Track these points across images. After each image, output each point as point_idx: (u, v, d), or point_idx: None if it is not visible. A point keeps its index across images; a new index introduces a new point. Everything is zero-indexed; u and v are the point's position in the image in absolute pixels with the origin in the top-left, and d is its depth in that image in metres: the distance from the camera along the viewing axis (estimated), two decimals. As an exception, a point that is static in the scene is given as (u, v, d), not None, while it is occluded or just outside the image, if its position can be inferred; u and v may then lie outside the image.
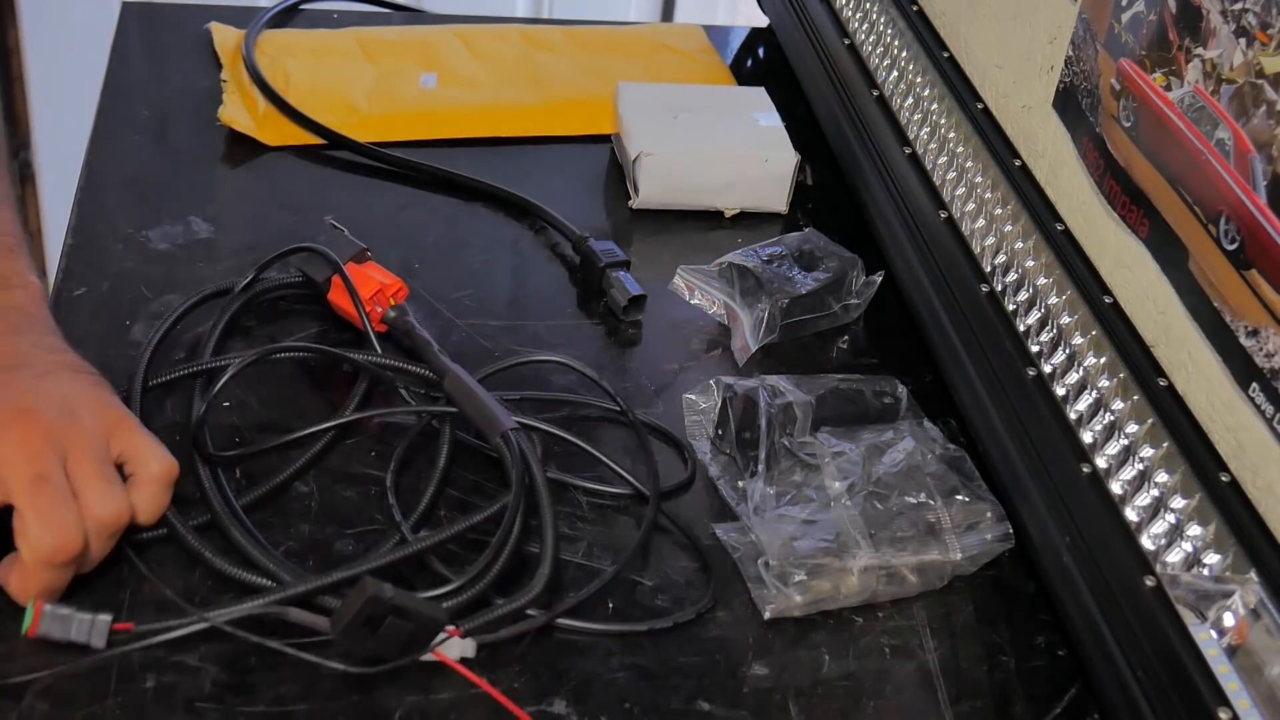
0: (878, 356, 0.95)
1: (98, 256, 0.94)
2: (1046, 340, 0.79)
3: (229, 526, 0.73)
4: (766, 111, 1.11)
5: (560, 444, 0.83)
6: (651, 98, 1.11)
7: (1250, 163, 0.65)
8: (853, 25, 1.12)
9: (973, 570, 0.78)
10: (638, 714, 0.69)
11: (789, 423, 0.82)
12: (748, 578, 0.76)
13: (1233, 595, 0.63)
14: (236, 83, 1.14)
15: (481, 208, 1.06)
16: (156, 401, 0.82)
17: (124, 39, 1.21)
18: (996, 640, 0.76)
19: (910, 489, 0.78)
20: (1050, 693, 0.73)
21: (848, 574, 0.75)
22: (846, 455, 0.80)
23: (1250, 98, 0.65)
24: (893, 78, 1.04)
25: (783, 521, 0.76)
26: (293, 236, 0.92)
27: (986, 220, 0.88)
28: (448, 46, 1.24)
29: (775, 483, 0.79)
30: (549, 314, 0.96)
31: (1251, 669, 0.61)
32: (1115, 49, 0.78)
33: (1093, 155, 0.80)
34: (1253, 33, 0.65)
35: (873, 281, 0.98)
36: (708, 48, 1.29)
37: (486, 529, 0.73)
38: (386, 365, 0.84)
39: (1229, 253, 0.67)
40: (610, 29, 1.33)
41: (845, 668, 0.73)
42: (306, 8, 1.28)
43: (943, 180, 0.94)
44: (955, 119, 0.95)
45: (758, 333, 0.92)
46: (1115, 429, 0.73)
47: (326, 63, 1.19)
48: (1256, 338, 0.65)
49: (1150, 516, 0.69)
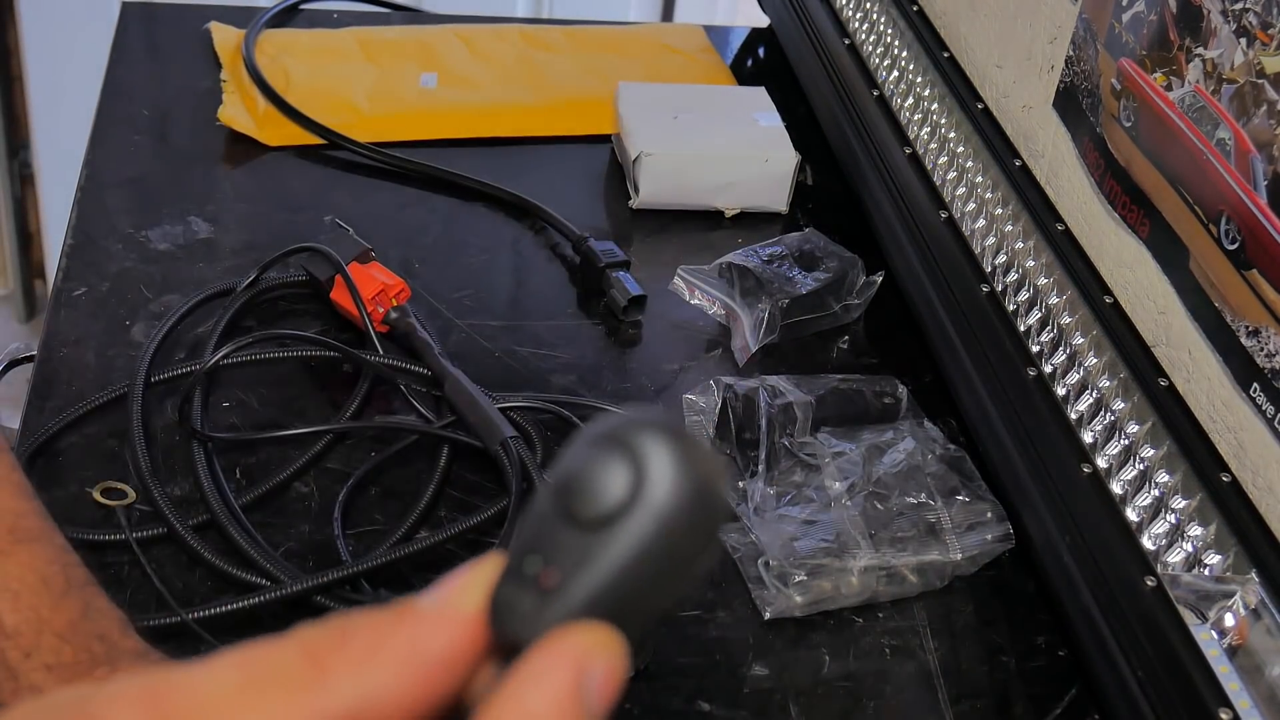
0: (878, 356, 0.95)
1: (98, 256, 0.94)
2: (1047, 340, 0.79)
3: (228, 526, 0.73)
4: (766, 111, 1.11)
5: (560, 444, 0.83)
6: (651, 98, 1.11)
7: (1251, 162, 0.65)
8: (853, 25, 1.12)
9: (973, 570, 0.78)
10: (638, 714, 0.69)
11: (789, 423, 0.82)
12: (748, 578, 0.76)
13: (1233, 595, 0.63)
14: (236, 83, 1.14)
15: (481, 208, 1.06)
16: (157, 401, 0.82)
17: (124, 39, 1.21)
18: (996, 640, 0.76)
19: (910, 489, 0.78)
20: (1050, 693, 0.73)
21: (848, 574, 0.74)
22: (846, 455, 0.79)
23: (1251, 97, 0.65)
24: (893, 78, 1.04)
25: (783, 521, 0.76)
26: (292, 237, 0.92)
27: (987, 220, 0.88)
28: (448, 46, 1.24)
29: (775, 483, 0.79)
30: (549, 314, 0.96)
31: (1252, 669, 0.61)
32: (1116, 49, 0.78)
33: (1093, 155, 0.80)
34: (1253, 32, 0.65)
35: (873, 281, 0.98)
36: (708, 48, 1.29)
37: (487, 529, 0.73)
38: (389, 365, 0.84)
39: (1229, 253, 0.67)
40: (610, 29, 1.33)
41: (845, 668, 0.73)
42: (306, 8, 1.27)
43: (943, 180, 0.94)
44: (955, 119, 0.95)
45: (758, 333, 0.92)
46: (1116, 429, 0.73)
47: (326, 63, 1.19)
48: (1257, 338, 0.65)
49: (1151, 517, 0.69)
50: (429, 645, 0.30)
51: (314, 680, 0.30)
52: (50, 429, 0.79)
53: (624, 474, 0.29)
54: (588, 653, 0.29)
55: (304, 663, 0.30)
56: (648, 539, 0.29)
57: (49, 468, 0.78)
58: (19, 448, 0.78)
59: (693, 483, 0.29)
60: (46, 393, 0.83)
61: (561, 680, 0.29)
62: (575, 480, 0.29)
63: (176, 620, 0.68)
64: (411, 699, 0.30)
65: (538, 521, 0.30)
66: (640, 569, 0.29)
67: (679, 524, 0.29)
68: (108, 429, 0.80)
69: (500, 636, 0.30)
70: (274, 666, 0.30)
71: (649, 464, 0.29)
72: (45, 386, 0.83)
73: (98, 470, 0.78)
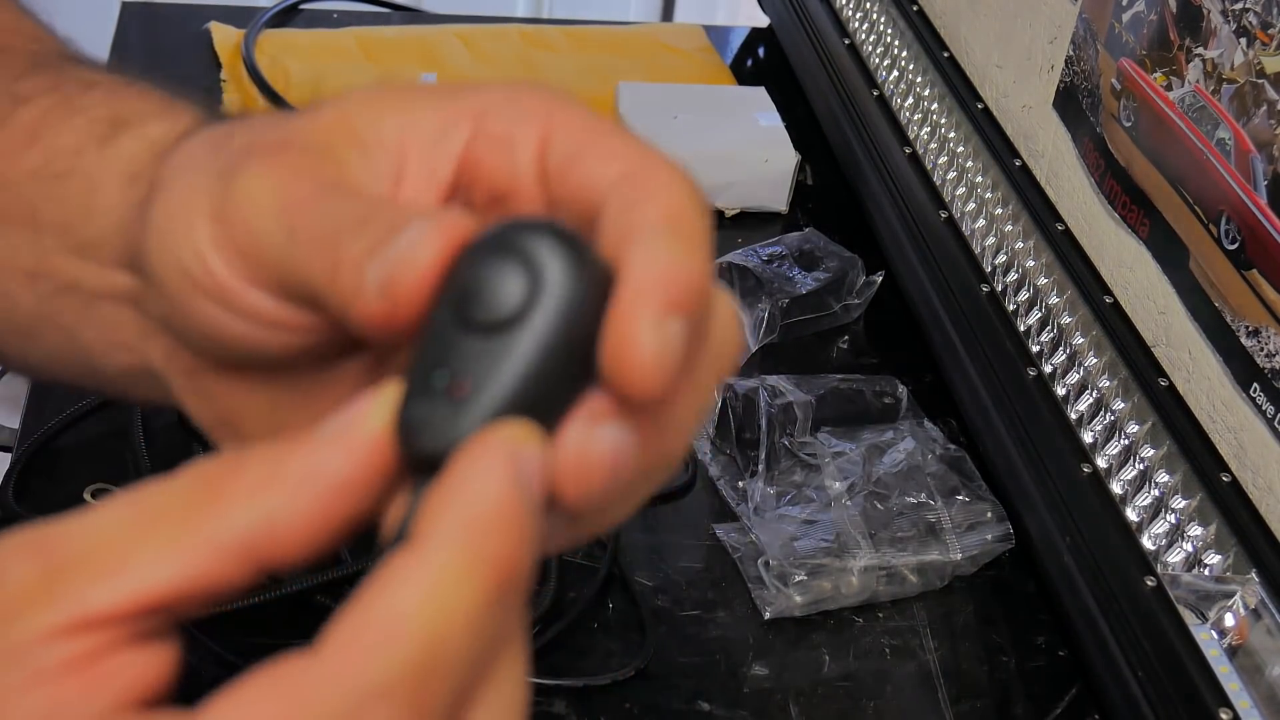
0: (878, 356, 0.95)
1: (97, 256, 0.94)
2: (1047, 340, 0.79)
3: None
4: (766, 111, 1.11)
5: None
6: (651, 98, 1.11)
7: (1251, 162, 0.65)
8: (853, 25, 1.12)
9: (973, 570, 0.78)
10: (638, 714, 0.69)
11: (789, 423, 0.82)
12: (748, 578, 0.76)
13: (1233, 595, 0.63)
14: (236, 83, 1.14)
15: (481, 208, 1.06)
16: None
17: (124, 39, 1.21)
18: (996, 640, 0.76)
19: (910, 489, 0.78)
20: (1050, 693, 0.73)
21: (848, 574, 0.74)
22: (846, 455, 0.79)
23: (1251, 97, 0.65)
24: (893, 78, 1.04)
25: (783, 521, 0.76)
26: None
27: (987, 220, 0.88)
28: (448, 46, 1.24)
29: (775, 483, 0.79)
30: (549, 314, 0.96)
31: (1252, 669, 0.61)
32: (1116, 49, 0.78)
33: (1093, 155, 0.80)
34: (1253, 32, 0.65)
35: (873, 281, 0.98)
36: (708, 48, 1.29)
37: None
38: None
39: (1229, 253, 0.67)
40: (610, 29, 1.33)
41: (845, 668, 0.73)
42: (306, 8, 1.27)
43: (943, 180, 0.94)
44: (955, 119, 0.95)
45: (758, 333, 0.92)
46: (1116, 429, 0.73)
47: (326, 63, 1.19)
48: (1257, 338, 0.65)
49: (1151, 516, 0.69)
50: (329, 469, 0.29)
51: (207, 510, 0.29)
52: (50, 429, 0.79)
53: (518, 274, 0.30)
54: (516, 444, 0.29)
55: (196, 494, 0.29)
56: (552, 330, 0.30)
57: (49, 468, 0.78)
58: (19, 448, 0.78)
59: (583, 267, 0.30)
60: (46, 393, 0.83)
61: (497, 473, 0.28)
62: (471, 290, 0.30)
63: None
64: (312, 524, 0.28)
65: (437, 339, 0.30)
66: (550, 361, 0.30)
67: (578, 311, 0.30)
68: (108, 429, 0.80)
69: (415, 454, 0.29)
70: (165, 501, 0.29)
71: (540, 260, 0.30)
72: (45, 386, 0.83)
73: (98, 470, 0.77)
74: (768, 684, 0.71)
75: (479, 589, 0.27)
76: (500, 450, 0.28)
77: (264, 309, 0.34)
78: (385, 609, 0.27)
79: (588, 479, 0.30)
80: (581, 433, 0.30)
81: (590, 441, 0.30)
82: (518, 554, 0.28)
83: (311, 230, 0.32)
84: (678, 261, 0.30)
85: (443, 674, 0.27)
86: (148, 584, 0.28)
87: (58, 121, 0.42)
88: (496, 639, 0.28)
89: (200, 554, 0.28)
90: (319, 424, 0.29)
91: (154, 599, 0.28)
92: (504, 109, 0.34)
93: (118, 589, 0.28)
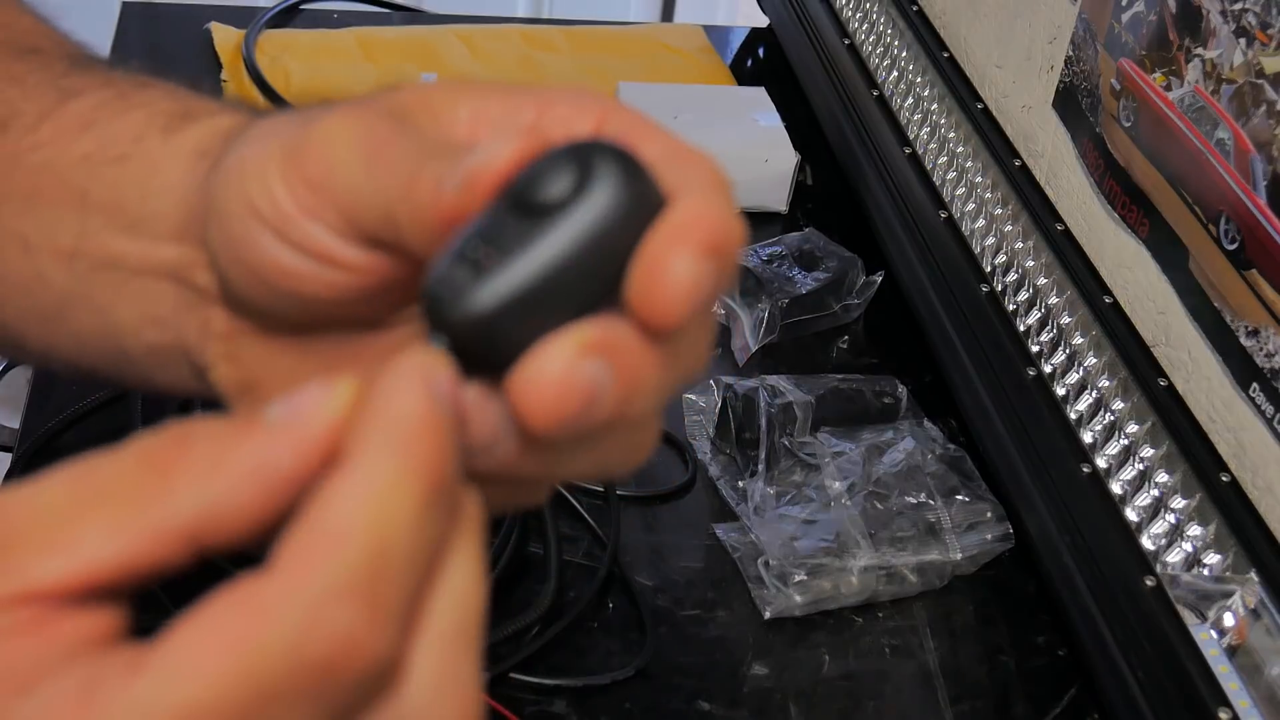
0: (878, 356, 0.95)
1: (98, 256, 0.94)
2: (1046, 340, 0.79)
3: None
4: (766, 111, 1.11)
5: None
6: (651, 98, 1.11)
7: (1250, 163, 0.65)
8: (853, 25, 1.12)
9: (973, 570, 0.78)
10: (638, 714, 0.69)
11: (789, 423, 0.82)
12: (748, 577, 0.76)
13: (1233, 595, 0.63)
14: (237, 83, 1.14)
15: (481, 208, 1.06)
16: (158, 401, 0.82)
17: (124, 39, 1.21)
18: (996, 640, 0.76)
19: (910, 489, 0.78)
20: (1050, 693, 0.73)
21: (848, 574, 0.75)
22: (846, 455, 0.80)
23: (1250, 98, 0.65)
24: (893, 78, 1.04)
25: (783, 521, 0.76)
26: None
27: (986, 220, 0.88)
28: (448, 46, 1.24)
29: (775, 483, 0.79)
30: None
31: (1251, 669, 0.61)
32: (1115, 49, 0.78)
33: (1093, 155, 0.80)
34: (1253, 33, 0.65)
35: (873, 281, 0.98)
36: (708, 48, 1.29)
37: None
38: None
39: (1229, 253, 0.67)
40: (610, 29, 1.33)
41: (845, 668, 0.73)
42: (306, 8, 1.27)
43: (943, 180, 0.94)
44: (955, 119, 0.95)
45: (758, 333, 0.92)
46: (1115, 429, 0.73)
47: (326, 63, 1.19)
48: (1257, 338, 0.65)
49: (1150, 516, 0.69)
50: (273, 463, 0.29)
51: (152, 492, 0.29)
52: (50, 429, 0.79)
53: (572, 171, 0.31)
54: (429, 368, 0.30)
55: (142, 474, 0.29)
56: (590, 223, 0.31)
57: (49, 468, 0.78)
58: (19, 448, 0.78)
59: (636, 182, 0.31)
60: (46, 393, 0.83)
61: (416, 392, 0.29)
62: (527, 178, 0.31)
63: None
64: (254, 514, 0.29)
65: (484, 219, 0.32)
66: (579, 253, 0.31)
67: (620, 215, 0.31)
68: (108, 429, 0.80)
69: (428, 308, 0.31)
70: (109, 479, 0.29)
71: (595, 162, 0.31)
72: (45, 386, 0.83)
73: (98, 470, 0.77)
74: (768, 684, 0.71)
75: (414, 493, 0.28)
76: (416, 372, 0.30)
77: (320, 243, 0.36)
78: (330, 521, 0.28)
79: (560, 406, 0.31)
80: (569, 359, 0.31)
81: (575, 370, 0.31)
82: (443, 460, 0.29)
83: (390, 156, 0.34)
84: (726, 215, 0.32)
85: (393, 573, 0.28)
86: (90, 563, 0.28)
87: (114, 115, 0.44)
88: (437, 538, 0.29)
89: (143, 537, 0.29)
90: (269, 403, 0.30)
91: (95, 578, 0.28)
92: (565, 98, 0.37)
93: (61, 566, 0.28)
